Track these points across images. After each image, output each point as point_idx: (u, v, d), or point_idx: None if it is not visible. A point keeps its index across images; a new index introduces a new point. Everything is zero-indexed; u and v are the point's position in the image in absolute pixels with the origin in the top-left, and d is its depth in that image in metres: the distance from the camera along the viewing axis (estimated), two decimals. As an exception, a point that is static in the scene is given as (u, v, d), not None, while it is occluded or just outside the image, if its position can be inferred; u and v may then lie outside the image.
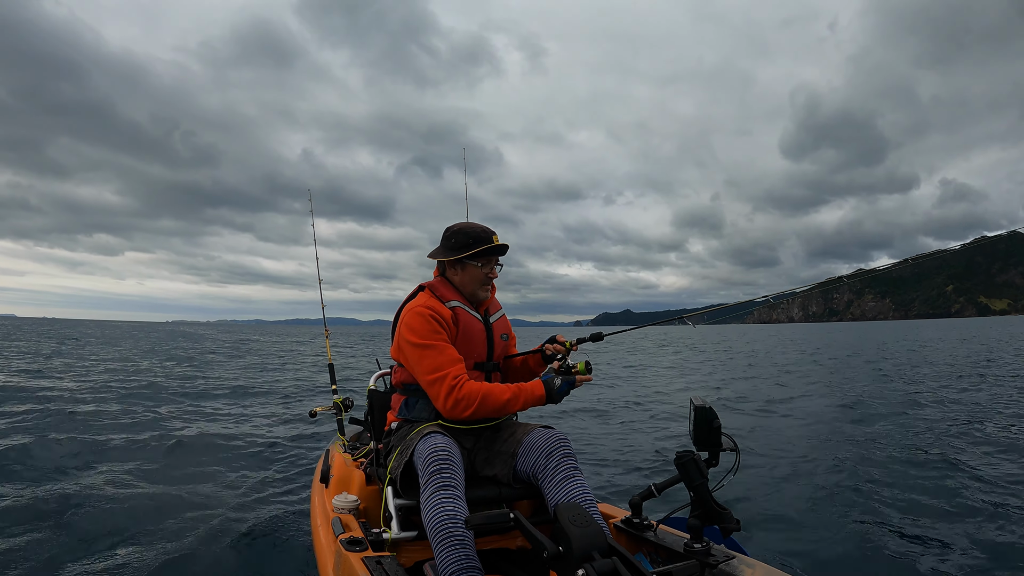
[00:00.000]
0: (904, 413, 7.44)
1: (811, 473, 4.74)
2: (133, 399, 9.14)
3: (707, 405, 1.83)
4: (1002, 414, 7.28)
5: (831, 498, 4.09)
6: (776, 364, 17.07)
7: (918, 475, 4.57)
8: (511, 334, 2.49)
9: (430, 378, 2.10)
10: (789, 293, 3.00)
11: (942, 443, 5.62)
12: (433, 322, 2.15)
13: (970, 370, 13.20)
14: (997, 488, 4.18)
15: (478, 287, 2.30)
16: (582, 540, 1.36)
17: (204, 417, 7.68)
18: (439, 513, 1.83)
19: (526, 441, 2.15)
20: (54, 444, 5.59)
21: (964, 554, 3.12)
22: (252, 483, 4.54)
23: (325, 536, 2.19)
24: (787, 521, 3.69)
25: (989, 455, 5.15)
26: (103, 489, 4.19)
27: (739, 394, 10.13)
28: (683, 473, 1.80)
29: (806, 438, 6.17)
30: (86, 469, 4.80)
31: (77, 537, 3.36)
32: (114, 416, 7.37)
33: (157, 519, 3.65)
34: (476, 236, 2.24)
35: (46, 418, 7.07)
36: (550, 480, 2.04)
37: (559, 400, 2.16)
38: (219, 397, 9.91)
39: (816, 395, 9.77)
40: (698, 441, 1.85)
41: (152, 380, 12.15)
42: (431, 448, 1.97)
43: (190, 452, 5.54)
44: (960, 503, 3.88)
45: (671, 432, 6.73)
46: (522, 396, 2.12)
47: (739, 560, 1.76)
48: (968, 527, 3.47)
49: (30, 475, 4.59)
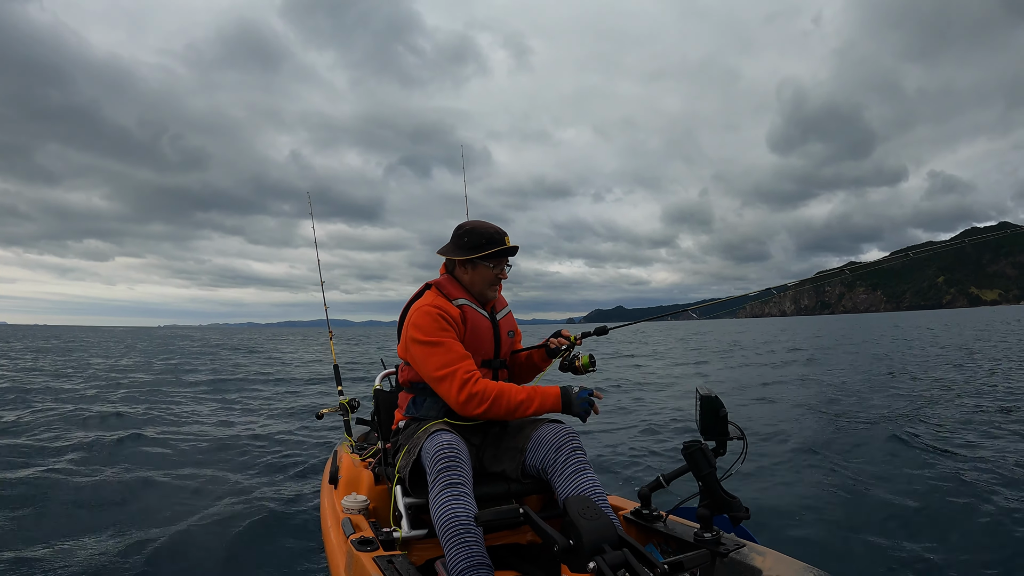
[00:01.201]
0: (915, 401, 7.44)
1: (819, 460, 4.74)
2: (141, 402, 9.17)
3: (713, 394, 1.83)
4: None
5: (840, 485, 4.10)
6: (776, 353, 17.06)
7: (928, 462, 4.57)
8: (517, 331, 2.49)
9: (440, 374, 2.08)
10: (822, 277, 2.99)
11: (953, 431, 5.62)
12: (441, 320, 2.14)
13: (970, 357, 13.19)
14: (1009, 476, 4.18)
15: (487, 287, 2.30)
16: (592, 533, 1.37)
17: (207, 422, 7.70)
18: (448, 510, 1.83)
19: (535, 436, 2.15)
20: (82, 444, 5.62)
21: (970, 542, 3.12)
22: (261, 486, 4.56)
23: (336, 537, 2.19)
24: (797, 508, 3.70)
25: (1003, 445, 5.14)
26: (115, 491, 4.22)
27: (743, 383, 10.13)
28: (691, 463, 1.80)
29: (812, 426, 6.17)
30: (98, 468, 4.82)
31: (96, 536, 3.38)
32: (123, 418, 7.40)
33: (166, 523, 3.66)
34: (489, 237, 2.23)
35: (81, 417, 7.10)
36: (560, 474, 2.04)
37: (579, 412, 2.07)
38: (222, 401, 9.93)
39: (821, 383, 9.77)
40: (705, 430, 1.85)
41: (155, 383, 12.18)
42: (438, 446, 1.97)
43: (196, 458, 5.55)
44: (970, 489, 3.88)
45: (678, 422, 6.73)
46: (537, 399, 2.09)
47: (749, 548, 1.77)
48: (978, 516, 3.48)
49: (52, 476, 4.61)
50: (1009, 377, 9.61)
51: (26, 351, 25.93)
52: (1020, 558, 2.91)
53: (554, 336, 2.42)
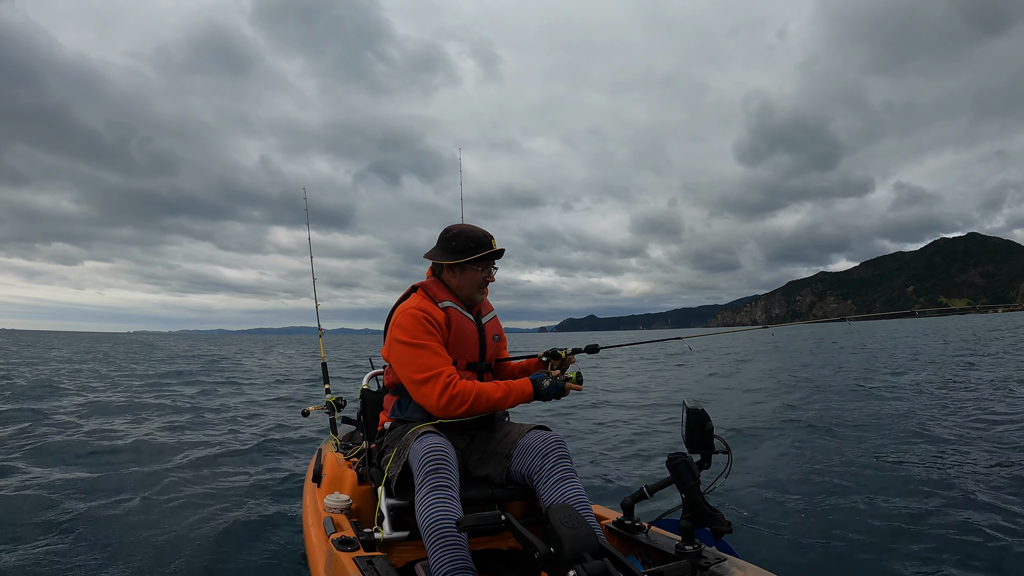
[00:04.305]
0: (889, 412, 7.49)
1: (801, 476, 4.76)
2: (125, 403, 9.09)
3: (700, 407, 1.84)
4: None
5: (821, 500, 4.11)
6: (759, 366, 17.12)
7: (906, 476, 4.60)
8: (502, 335, 2.49)
9: (421, 376, 2.09)
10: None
11: (931, 441, 5.66)
12: (426, 323, 2.15)
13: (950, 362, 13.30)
14: (997, 486, 4.21)
15: (475, 290, 2.31)
16: (573, 541, 1.37)
17: (192, 417, 7.65)
18: (434, 513, 1.83)
19: (521, 443, 2.15)
20: (57, 448, 5.56)
21: (956, 555, 3.14)
22: (243, 482, 4.52)
23: (317, 536, 2.18)
24: (778, 523, 3.71)
25: (990, 452, 5.18)
26: (94, 492, 4.17)
27: (732, 396, 10.15)
28: (675, 475, 1.80)
29: (795, 441, 6.19)
30: (76, 469, 4.77)
31: (69, 542, 3.33)
32: (110, 420, 7.33)
33: (146, 520, 3.63)
34: (477, 241, 2.24)
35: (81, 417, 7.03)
36: (545, 481, 2.04)
37: (547, 399, 2.19)
38: (207, 397, 9.86)
39: (800, 396, 9.81)
40: (690, 443, 1.85)
41: (139, 385, 12.08)
42: (427, 448, 1.96)
43: (179, 452, 5.51)
44: (953, 501, 3.91)
45: (663, 434, 6.74)
46: (512, 394, 2.15)
47: (730, 562, 1.77)
48: (962, 528, 3.50)
49: (38, 483, 4.56)
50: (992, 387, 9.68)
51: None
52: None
53: (548, 354, 2.40)
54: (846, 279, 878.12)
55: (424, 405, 2.13)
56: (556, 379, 2.19)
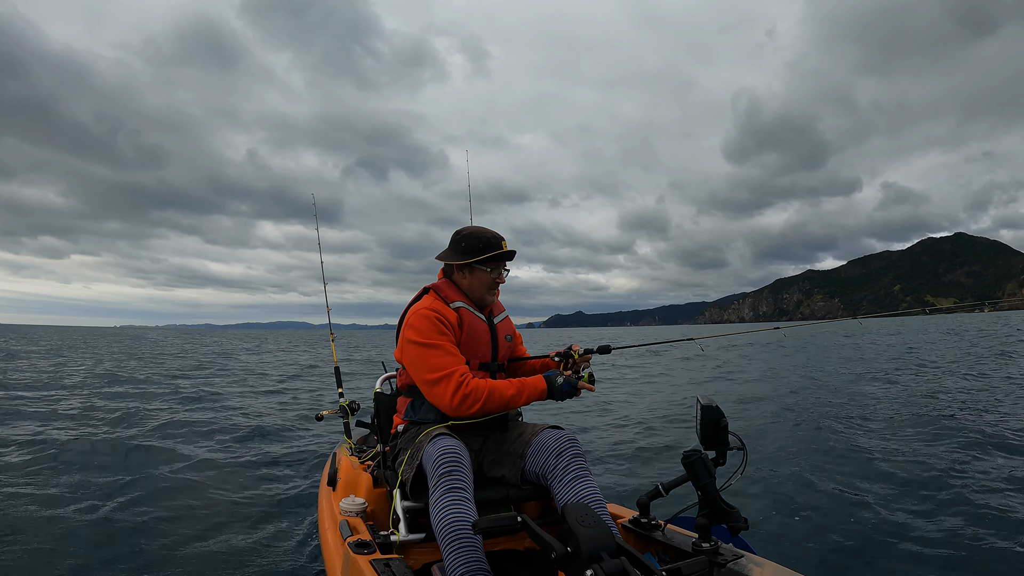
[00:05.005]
0: (904, 408, 7.40)
1: (817, 472, 4.72)
2: (125, 403, 9.17)
3: (714, 404, 1.83)
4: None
5: (838, 496, 4.07)
6: (765, 361, 16.99)
7: (926, 472, 4.55)
8: (516, 335, 2.50)
9: (434, 376, 2.10)
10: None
11: (950, 439, 5.58)
12: (438, 323, 2.16)
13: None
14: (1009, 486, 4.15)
15: (486, 291, 2.32)
16: (590, 540, 1.36)
17: (205, 421, 7.70)
18: (448, 515, 1.83)
19: (535, 442, 2.15)
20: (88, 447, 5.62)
21: (970, 548, 3.10)
22: (259, 487, 4.56)
23: (333, 539, 2.19)
24: (795, 519, 3.68)
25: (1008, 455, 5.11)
26: (102, 495, 4.22)
27: (745, 393, 10.09)
28: (690, 472, 1.79)
29: (811, 436, 6.14)
30: (101, 473, 4.82)
31: (88, 541, 3.38)
32: (119, 420, 7.41)
33: (162, 525, 3.66)
34: (487, 242, 2.26)
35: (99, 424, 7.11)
36: (560, 480, 2.04)
37: (561, 398, 2.18)
38: (220, 401, 9.93)
39: (816, 392, 9.73)
40: (705, 440, 1.84)
41: (144, 386, 12.19)
42: (440, 450, 1.97)
43: (191, 456, 5.55)
44: (969, 500, 3.86)
45: (678, 431, 6.71)
46: (525, 392, 2.15)
47: (747, 559, 1.76)
48: (979, 526, 3.45)
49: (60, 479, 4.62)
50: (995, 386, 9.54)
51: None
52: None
53: (562, 354, 2.38)
54: (833, 277, 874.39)
55: (438, 405, 2.14)
56: (570, 377, 2.19)
